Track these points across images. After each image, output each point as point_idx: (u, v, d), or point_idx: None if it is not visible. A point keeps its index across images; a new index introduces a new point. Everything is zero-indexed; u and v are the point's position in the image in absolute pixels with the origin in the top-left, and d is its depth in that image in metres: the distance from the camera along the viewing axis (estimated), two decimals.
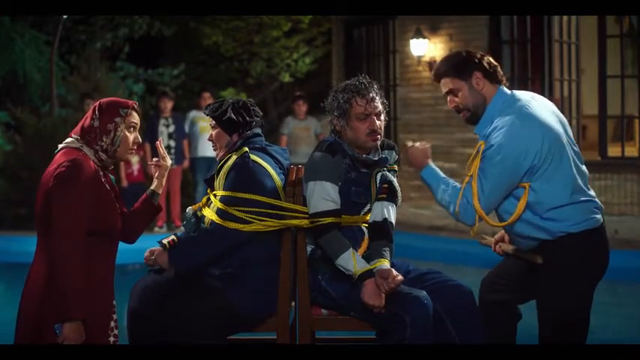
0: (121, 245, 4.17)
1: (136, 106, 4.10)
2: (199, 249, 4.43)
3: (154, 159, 4.42)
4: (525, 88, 9.39)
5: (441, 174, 4.40)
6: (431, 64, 13.00)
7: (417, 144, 4.48)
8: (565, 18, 12.33)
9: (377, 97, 4.48)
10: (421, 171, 4.42)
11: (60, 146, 4.05)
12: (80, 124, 4.06)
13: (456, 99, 4.33)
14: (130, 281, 4.61)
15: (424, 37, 12.96)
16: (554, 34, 12.20)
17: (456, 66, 4.31)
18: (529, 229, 4.21)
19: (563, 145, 4.19)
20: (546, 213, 4.15)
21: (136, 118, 4.09)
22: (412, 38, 13.07)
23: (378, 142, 4.51)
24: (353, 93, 4.45)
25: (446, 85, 4.35)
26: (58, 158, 3.95)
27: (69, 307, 3.76)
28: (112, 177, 4.14)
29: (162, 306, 4.36)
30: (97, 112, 4.03)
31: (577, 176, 4.21)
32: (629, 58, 13.02)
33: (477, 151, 4.20)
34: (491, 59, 4.36)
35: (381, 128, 4.48)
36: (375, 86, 4.53)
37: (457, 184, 4.32)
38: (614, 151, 12.11)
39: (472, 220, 4.22)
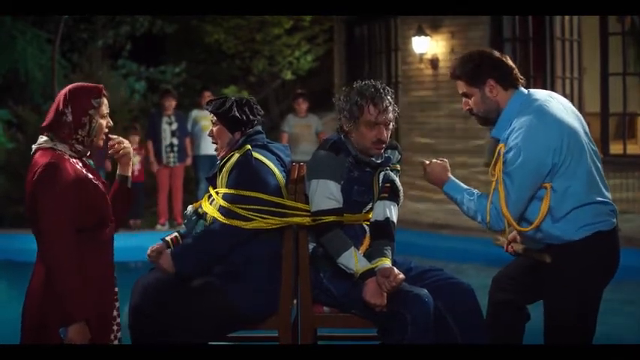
0: (124, 243, 4.16)
1: (104, 91, 3.98)
2: (203, 251, 4.43)
3: (110, 144, 4.12)
4: (527, 86, 9.37)
5: (464, 185, 4.36)
6: (433, 61, 13.00)
7: (434, 160, 4.46)
8: (567, 16, 12.31)
9: (390, 107, 4.46)
10: (444, 186, 4.38)
11: (34, 147, 3.95)
12: (50, 119, 3.93)
13: (470, 102, 4.31)
14: (132, 278, 4.61)
15: (426, 35, 12.94)
16: (556, 32, 12.18)
17: (469, 73, 4.26)
18: (541, 235, 4.19)
19: (582, 143, 4.16)
20: (562, 217, 4.12)
21: (107, 104, 3.98)
22: (414, 36, 13.05)
23: (382, 151, 4.51)
24: (367, 99, 4.41)
25: (460, 87, 4.32)
26: (35, 162, 3.87)
27: (70, 310, 3.75)
28: (91, 162, 4.05)
29: (164, 304, 4.36)
30: (68, 107, 3.90)
31: (595, 175, 4.18)
32: (631, 56, 12.98)
33: (498, 154, 4.17)
34: (508, 62, 4.29)
35: (388, 137, 4.48)
36: (390, 94, 4.49)
37: (481, 193, 4.29)
38: (615, 148, 12.10)
39: (502, 226, 4.19)
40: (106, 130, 4.02)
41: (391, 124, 4.48)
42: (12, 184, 13.18)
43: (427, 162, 4.46)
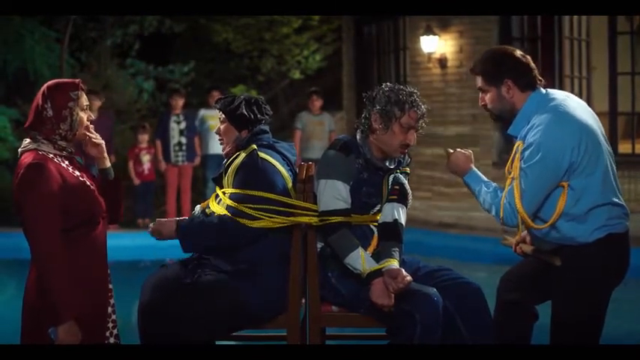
0: (132, 242, 4.16)
1: (82, 85, 3.99)
2: (209, 233, 4.42)
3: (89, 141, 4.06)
4: None
5: (484, 178, 4.39)
6: (441, 61, 12.99)
7: (459, 150, 4.49)
8: (575, 15, 12.30)
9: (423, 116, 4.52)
10: (465, 176, 4.41)
11: (19, 150, 3.96)
12: (31, 118, 3.94)
13: (486, 97, 4.32)
14: (141, 277, 4.62)
15: (434, 34, 12.94)
16: (565, 31, 12.18)
17: (488, 70, 4.28)
18: (555, 235, 4.19)
19: (599, 142, 4.16)
20: (578, 217, 4.12)
21: (85, 97, 3.99)
22: (422, 35, 13.05)
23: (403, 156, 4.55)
24: (410, 103, 4.44)
25: (478, 82, 4.34)
26: (19, 164, 3.87)
27: (58, 310, 3.74)
28: (79, 159, 4.03)
29: (173, 302, 4.36)
30: (47, 102, 3.90)
31: (611, 176, 4.18)
32: None
33: (515, 152, 4.18)
34: (529, 63, 4.30)
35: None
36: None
37: (499, 186, 4.30)
38: (624, 147, 12.09)
39: (515, 222, 4.20)
40: (87, 124, 4.00)
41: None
42: None
43: (451, 151, 4.50)
